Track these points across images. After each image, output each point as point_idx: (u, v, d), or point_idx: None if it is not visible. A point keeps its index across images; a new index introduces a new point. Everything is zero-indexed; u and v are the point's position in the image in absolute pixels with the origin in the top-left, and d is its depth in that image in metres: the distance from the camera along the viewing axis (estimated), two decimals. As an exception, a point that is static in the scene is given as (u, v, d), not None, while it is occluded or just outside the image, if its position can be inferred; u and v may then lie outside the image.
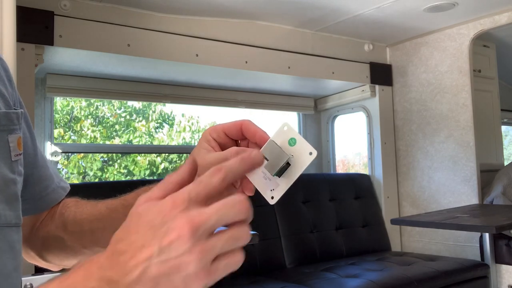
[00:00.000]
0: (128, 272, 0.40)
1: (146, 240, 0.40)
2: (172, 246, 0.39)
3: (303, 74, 2.93)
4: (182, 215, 0.40)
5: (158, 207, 0.41)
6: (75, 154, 4.59)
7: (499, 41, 3.35)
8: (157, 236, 0.40)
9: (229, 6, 2.47)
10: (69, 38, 2.17)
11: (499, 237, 2.65)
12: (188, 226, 0.39)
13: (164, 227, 0.40)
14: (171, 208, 0.40)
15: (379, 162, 3.24)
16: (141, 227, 0.40)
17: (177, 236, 0.39)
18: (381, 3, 2.52)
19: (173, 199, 0.41)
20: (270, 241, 2.74)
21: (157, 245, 0.39)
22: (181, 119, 5.34)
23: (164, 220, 0.40)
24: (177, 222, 0.39)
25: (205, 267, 0.40)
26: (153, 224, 0.40)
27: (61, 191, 0.76)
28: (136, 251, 0.40)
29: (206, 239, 0.40)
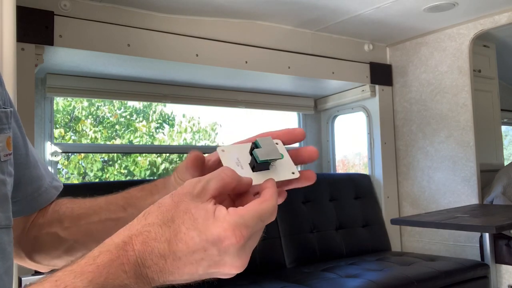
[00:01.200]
0: (164, 274, 0.40)
1: (194, 259, 0.40)
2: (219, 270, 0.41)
3: (303, 74, 2.93)
4: (241, 254, 0.41)
5: (218, 229, 0.40)
6: (75, 155, 4.59)
7: (499, 41, 3.35)
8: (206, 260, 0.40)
9: (229, 6, 2.47)
10: (69, 38, 2.17)
11: (499, 237, 2.65)
12: (243, 266, 0.41)
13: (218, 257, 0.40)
14: (235, 241, 0.40)
15: (379, 162, 3.24)
16: (192, 242, 0.40)
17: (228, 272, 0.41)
18: (381, 3, 2.52)
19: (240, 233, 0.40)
20: (270, 241, 2.74)
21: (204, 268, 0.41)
22: (182, 120, 5.35)
23: (221, 251, 0.40)
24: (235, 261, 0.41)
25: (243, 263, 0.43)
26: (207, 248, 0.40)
27: (53, 190, 0.74)
28: (179, 262, 0.40)
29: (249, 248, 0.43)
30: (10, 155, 0.62)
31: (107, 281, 0.38)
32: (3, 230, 0.59)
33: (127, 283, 0.39)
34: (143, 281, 0.40)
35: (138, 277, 0.40)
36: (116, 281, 0.39)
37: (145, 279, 0.40)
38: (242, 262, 0.41)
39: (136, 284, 0.40)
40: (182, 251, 0.39)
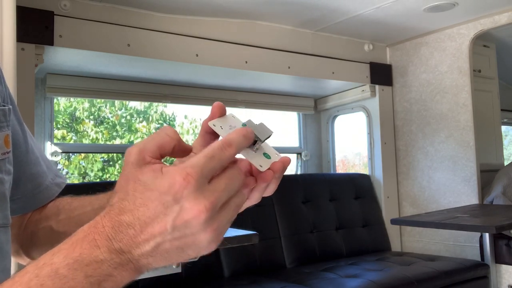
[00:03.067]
0: (139, 245, 0.40)
1: (157, 216, 0.39)
2: (188, 225, 0.39)
3: (303, 74, 2.93)
4: (197, 196, 0.39)
5: (167, 180, 0.39)
6: (76, 155, 4.59)
7: (499, 41, 3.34)
8: (169, 214, 0.39)
9: (229, 6, 2.47)
10: (69, 38, 2.17)
11: (499, 237, 2.65)
12: (205, 209, 0.39)
13: (177, 206, 0.39)
14: (184, 184, 0.39)
15: (379, 162, 3.24)
16: (149, 201, 0.40)
17: (192, 217, 0.39)
18: (381, 3, 2.52)
19: (185, 174, 0.39)
20: (270, 241, 2.74)
21: (170, 222, 0.39)
22: (184, 121, 5.34)
23: (176, 197, 0.39)
24: (193, 203, 0.39)
25: (217, 237, 0.41)
26: (164, 200, 0.39)
27: (55, 187, 0.74)
28: (146, 226, 0.39)
29: (218, 214, 0.41)
30: (9, 153, 0.61)
31: (82, 256, 0.39)
32: (1, 229, 0.58)
33: (102, 258, 0.39)
34: (120, 257, 0.40)
35: (112, 252, 0.40)
36: (91, 256, 0.39)
37: (122, 255, 0.40)
38: (202, 204, 0.39)
39: (111, 260, 0.39)
40: (144, 214, 0.40)
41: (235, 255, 2.56)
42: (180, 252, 0.41)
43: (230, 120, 0.52)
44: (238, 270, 2.55)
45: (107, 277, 0.40)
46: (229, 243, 1.65)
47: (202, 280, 2.42)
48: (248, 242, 1.74)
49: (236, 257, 2.57)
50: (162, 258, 0.41)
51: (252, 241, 1.78)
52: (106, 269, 0.39)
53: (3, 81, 0.66)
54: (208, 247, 0.41)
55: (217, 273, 2.51)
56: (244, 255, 2.60)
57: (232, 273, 2.53)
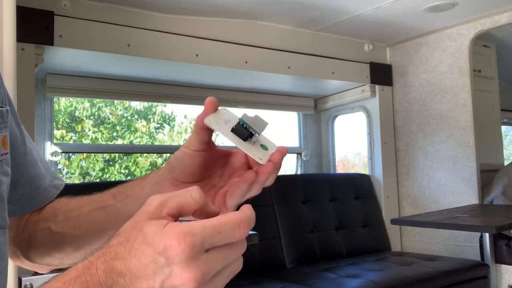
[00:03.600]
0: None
1: (147, 273, 0.39)
2: None
3: (303, 74, 2.93)
4: (189, 264, 0.38)
5: (165, 240, 0.39)
6: (76, 155, 4.59)
7: (499, 41, 3.34)
8: (159, 274, 0.39)
9: (229, 6, 2.47)
10: (69, 38, 2.17)
11: (499, 237, 2.65)
12: (195, 279, 0.38)
13: (168, 269, 0.38)
14: (178, 250, 0.38)
15: (379, 162, 3.24)
16: (143, 255, 0.39)
17: (181, 284, 0.38)
18: (381, 3, 2.52)
19: (182, 240, 0.38)
20: (270, 241, 2.74)
21: (159, 283, 0.38)
22: (183, 120, 5.34)
23: (168, 261, 0.38)
24: (183, 271, 0.38)
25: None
26: (156, 259, 0.39)
27: (53, 189, 0.73)
28: (136, 280, 0.39)
29: (208, 283, 0.39)
30: (6, 154, 0.61)
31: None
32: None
33: None
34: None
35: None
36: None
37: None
38: (192, 273, 0.38)
39: None
40: (136, 267, 0.39)
41: (235, 255, 2.56)
42: None
43: (225, 115, 0.52)
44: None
45: None
46: (229, 243, 1.64)
47: None
48: (248, 242, 1.74)
49: (236, 257, 2.56)
50: None
51: (252, 241, 1.78)
52: None
53: (2, 82, 0.65)
54: None
55: (217, 273, 2.50)
56: (244, 255, 2.58)
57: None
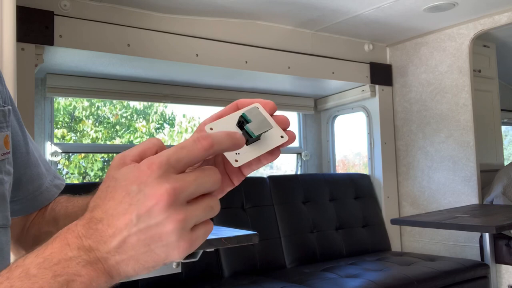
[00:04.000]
0: (106, 240, 0.39)
1: (123, 207, 0.38)
2: (151, 214, 0.38)
3: (303, 74, 2.93)
4: (160, 181, 0.38)
5: (134, 172, 0.39)
6: (76, 155, 4.59)
7: (499, 41, 3.34)
8: (134, 203, 0.38)
9: (229, 6, 2.47)
10: (69, 38, 2.17)
11: (499, 237, 2.65)
12: (167, 193, 0.38)
13: (141, 194, 0.38)
14: (148, 173, 0.38)
15: (379, 162, 3.24)
16: (117, 193, 0.39)
17: (155, 203, 0.38)
18: (381, 3, 2.52)
19: (150, 163, 0.39)
20: (270, 241, 2.74)
21: (135, 212, 0.38)
22: (182, 120, 5.34)
23: (140, 186, 0.38)
24: (155, 189, 0.38)
25: (185, 235, 0.39)
26: (129, 190, 0.39)
27: (54, 189, 0.74)
28: (113, 218, 0.39)
29: (184, 207, 0.39)
30: (8, 153, 0.61)
31: (52, 255, 0.39)
32: (1, 229, 0.58)
33: (71, 256, 0.39)
34: (88, 255, 0.39)
35: (81, 249, 0.39)
36: (60, 254, 0.39)
37: (90, 252, 0.39)
38: (163, 188, 0.37)
39: (80, 257, 0.39)
40: (111, 207, 0.39)
41: (235, 255, 2.56)
42: (148, 251, 0.39)
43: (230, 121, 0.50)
44: (238, 270, 2.55)
45: (75, 277, 0.38)
46: (229, 243, 1.65)
47: (202, 280, 2.42)
48: (248, 242, 1.74)
49: (236, 257, 2.57)
50: (131, 259, 0.39)
51: (252, 241, 1.78)
52: (74, 268, 0.38)
53: (3, 82, 0.66)
54: (177, 246, 0.39)
55: (217, 273, 2.51)
56: (244, 255, 2.60)
57: (232, 273, 2.53)
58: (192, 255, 1.67)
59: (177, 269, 1.75)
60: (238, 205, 2.72)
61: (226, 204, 2.65)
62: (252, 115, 0.49)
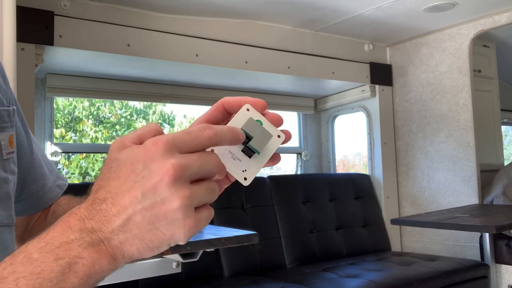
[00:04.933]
0: (110, 219, 0.38)
1: (128, 185, 0.38)
2: (156, 190, 0.37)
3: (303, 74, 2.93)
4: (166, 157, 0.38)
5: (139, 150, 0.39)
6: (76, 155, 4.59)
7: (499, 41, 3.34)
8: (139, 180, 0.38)
9: (229, 6, 2.47)
10: (69, 38, 2.17)
11: (499, 237, 2.65)
12: (173, 168, 0.37)
13: (146, 170, 0.38)
14: (153, 149, 0.38)
15: (379, 162, 3.24)
16: (122, 172, 0.39)
17: (160, 179, 0.37)
18: (381, 3, 2.52)
19: (155, 140, 0.39)
20: (270, 241, 2.74)
21: (140, 189, 0.38)
22: (182, 120, 5.35)
23: (146, 163, 0.38)
24: (160, 164, 0.38)
25: (191, 213, 0.38)
26: (135, 168, 0.38)
27: (57, 189, 0.75)
28: (117, 197, 0.38)
29: (189, 185, 0.39)
30: (13, 153, 0.62)
31: (53, 239, 0.38)
32: (5, 228, 0.59)
33: (73, 238, 0.38)
34: (90, 236, 0.38)
35: (83, 231, 0.38)
36: (62, 237, 0.38)
37: (93, 233, 0.38)
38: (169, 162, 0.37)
39: (81, 239, 0.38)
40: (116, 186, 0.39)
41: (235, 255, 2.56)
42: (153, 229, 0.38)
43: None
44: (238, 270, 2.55)
45: (77, 259, 0.37)
46: (229, 243, 1.65)
47: (202, 280, 2.42)
48: (248, 242, 1.74)
49: (236, 257, 2.57)
50: (135, 238, 0.38)
51: (252, 241, 1.78)
52: (76, 250, 0.38)
53: (7, 83, 0.66)
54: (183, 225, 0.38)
55: (217, 273, 2.51)
56: (244, 255, 2.60)
57: (232, 273, 2.53)
58: (192, 255, 1.67)
59: (177, 269, 1.75)
60: (238, 205, 2.72)
61: (226, 204, 2.65)
62: (251, 128, 0.47)
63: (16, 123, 0.67)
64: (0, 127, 0.60)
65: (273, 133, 0.48)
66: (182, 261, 1.67)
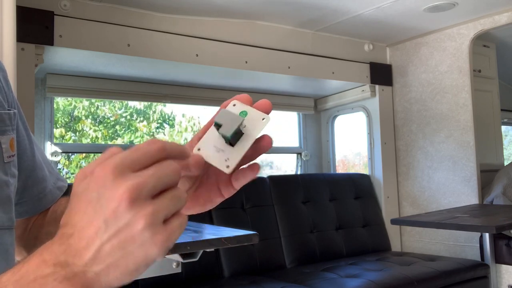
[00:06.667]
0: (81, 253, 0.38)
1: (89, 217, 0.38)
2: (117, 215, 0.37)
3: (303, 74, 2.93)
4: (118, 181, 0.37)
5: (91, 180, 0.39)
6: (76, 154, 4.59)
7: (499, 41, 3.34)
8: (98, 210, 0.37)
9: (229, 6, 2.47)
10: (69, 38, 2.17)
11: (499, 237, 2.65)
12: (128, 190, 0.37)
13: (102, 199, 0.37)
14: (103, 176, 0.38)
15: (379, 162, 3.24)
16: (81, 205, 0.39)
17: (118, 204, 0.37)
18: (381, 3, 2.52)
19: (103, 167, 0.38)
20: (270, 241, 2.74)
21: (101, 218, 0.37)
22: (182, 120, 5.35)
23: (99, 191, 0.38)
24: (114, 190, 0.37)
25: (159, 229, 0.38)
26: (90, 198, 0.38)
27: (57, 191, 0.75)
28: (82, 230, 0.38)
29: (150, 201, 0.38)
30: (14, 156, 0.62)
31: (28, 272, 0.38)
32: (6, 231, 0.59)
33: (48, 273, 0.38)
34: (65, 270, 0.38)
35: (57, 265, 0.38)
36: (37, 271, 0.38)
37: (67, 267, 0.38)
38: (123, 186, 0.37)
39: (56, 273, 0.38)
40: (78, 220, 0.38)
41: (235, 255, 2.56)
42: (125, 255, 0.37)
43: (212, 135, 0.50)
44: (238, 270, 2.55)
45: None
46: (229, 243, 1.65)
47: (202, 280, 2.42)
48: (248, 242, 1.74)
49: (236, 257, 2.57)
50: (110, 267, 0.38)
51: (252, 241, 1.78)
52: (51, 284, 0.37)
53: (9, 85, 0.67)
54: (154, 242, 0.37)
55: (217, 273, 2.51)
56: (244, 255, 2.60)
57: (232, 273, 2.53)
58: (192, 255, 1.67)
59: (177, 269, 1.75)
60: (238, 205, 2.72)
61: (226, 204, 2.65)
62: (223, 118, 0.48)
63: (18, 126, 0.67)
64: (1, 130, 0.60)
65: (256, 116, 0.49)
66: (182, 261, 1.67)
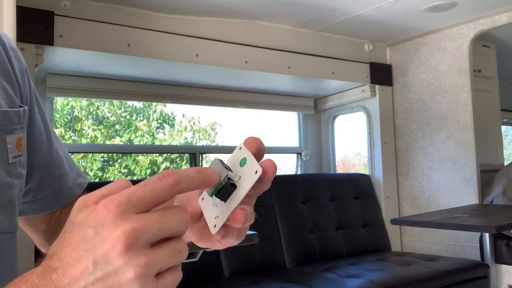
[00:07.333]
0: None
1: (79, 253, 0.35)
2: (108, 259, 0.34)
3: (303, 74, 2.93)
4: (118, 221, 0.34)
5: (91, 213, 0.36)
6: (75, 154, 4.59)
7: (499, 41, 3.34)
8: (90, 248, 0.34)
9: (229, 6, 2.47)
10: (69, 38, 2.17)
11: (499, 237, 2.65)
12: (124, 234, 0.34)
13: (97, 237, 0.34)
14: (105, 213, 0.35)
15: (379, 162, 3.24)
16: (73, 238, 0.36)
17: (111, 247, 0.34)
18: (381, 3, 2.52)
19: (107, 202, 0.35)
20: (270, 241, 2.74)
21: (91, 259, 0.34)
22: (182, 119, 5.35)
23: (97, 229, 0.35)
24: (111, 230, 0.34)
25: (150, 283, 0.35)
26: (85, 234, 0.35)
27: (77, 188, 0.73)
28: (68, 267, 0.35)
29: (147, 250, 0.35)
30: (21, 156, 0.59)
31: None
32: (5, 235, 0.57)
33: None
34: None
35: None
36: None
37: None
38: (121, 228, 0.34)
39: None
40: (67, 254, 0.35)
41: (235, 255, 2.56)
42: None
43: None
44: (238, 270, 2.55)
45: None
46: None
47: (202, 280, 2.42)
48: (248, 242, 1.74)
49: (236, 257, 2.57)
50: None
51: (252, 241, 1.78)
52: None
53: (26, 78, 0.64)
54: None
55: (217, 273, 2.51)
56: (244, 255, 2.59)
57: (232, 273, 2.53)
58: (192, 255, 1.67)
59: (177, 269, 1.75)
60: (238, 205, 2.72)
61: (226, 204, 2.65)
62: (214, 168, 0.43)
63: (35, 121, 0.65)
64: (8, 129, 0.57)
65: (251, 169, 0.43)
66: (182, 261, 1.66)
